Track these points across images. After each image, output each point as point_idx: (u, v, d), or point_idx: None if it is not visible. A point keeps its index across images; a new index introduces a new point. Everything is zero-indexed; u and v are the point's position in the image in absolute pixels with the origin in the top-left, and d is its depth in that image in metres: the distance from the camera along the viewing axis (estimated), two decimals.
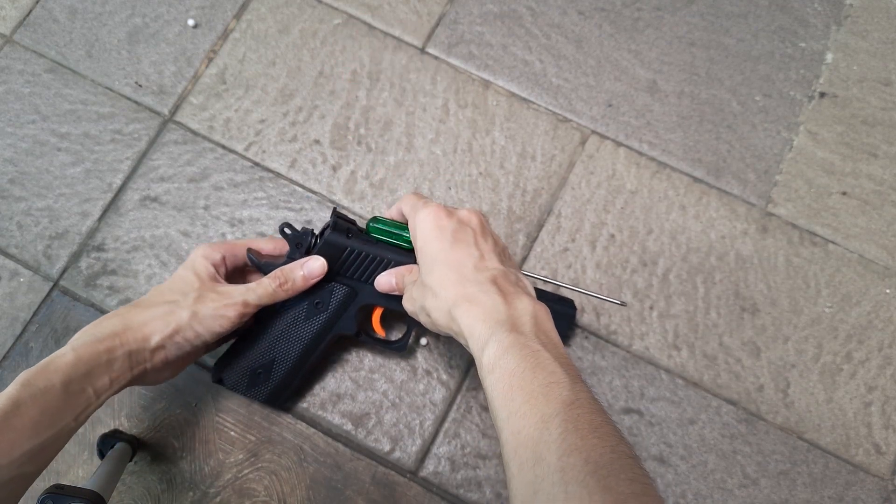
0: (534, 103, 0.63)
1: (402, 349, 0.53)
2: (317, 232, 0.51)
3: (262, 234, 0.59)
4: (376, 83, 0.63)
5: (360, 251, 0.49)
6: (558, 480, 0.30)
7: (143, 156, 0.61)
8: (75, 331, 0.56)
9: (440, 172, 0.61)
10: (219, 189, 0.61)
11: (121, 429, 0.55)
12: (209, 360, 0.56)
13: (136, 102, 0.63)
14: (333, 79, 0.63)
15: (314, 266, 0.48)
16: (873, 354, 0.57)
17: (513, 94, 0.63)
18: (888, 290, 0.58)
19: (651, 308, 0.58)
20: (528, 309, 0.39)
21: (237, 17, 0.65)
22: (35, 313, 0.58)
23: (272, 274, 0.48)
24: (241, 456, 0.55)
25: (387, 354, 0.57)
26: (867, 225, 0.60)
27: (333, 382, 0.56)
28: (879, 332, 0.57)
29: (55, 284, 0.58)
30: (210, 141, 0.62)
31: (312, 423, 0.55)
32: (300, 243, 0.49)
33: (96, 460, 0.53)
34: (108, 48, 0.64)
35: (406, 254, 0.49)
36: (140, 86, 0.63)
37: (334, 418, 0.55)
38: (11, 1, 0.66)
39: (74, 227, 0.60)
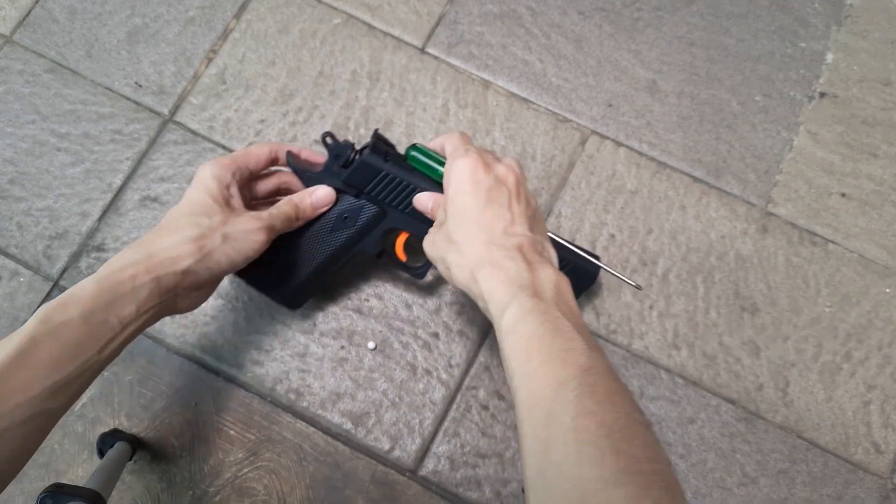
0: (534, 103, 0.63)
1: (421, 276, 0.53)
2: (357, 147, 0.50)
3: None
4: (376, 83, 0.63)
5: (394, 176, 0.48)
6: (572, 440, 0.31)
7: (143, 156, 0.61)
8: None
9: None
10: None
11: (120, 428, 0.55)
12: (210, 360, 0.56)
13: (135, 102, 0.63)
14: (333, 79, 0.64)
15: (321, 195, 0.49)
16: (873, 354, 0.57)
17: (513, 94, 0.63)
18: (888, 290, 0.58)
19: (651, 307, 0.58)
20: (552, 278, 0.39)
21: (237, 16, 0.65)
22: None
23: (286, 200, 0.48)
24: (240, 455, 0.55)
25: (386, 353, 0.57)
26: (867, 225, 0.60)
27: (333, 382, 0.56)
28: (879, 332, 0.57)
29: (55, 284, 0.58)
30: (210, 141, 0.62)
31: (312, 422, 0.55)
32: (339, 155, 0.49)
33: (96, 459, 0.53)
34: (108, 48, 0.64)
35: (440, 187, 0.48)
36: (140, 86, 0.63)
37: (334, 417, 0.55)
38: (11, 1, 0.66)
39: (74, 227, 0.60)
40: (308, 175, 0.49)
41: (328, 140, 0.49)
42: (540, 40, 0.65)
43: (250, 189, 0.51)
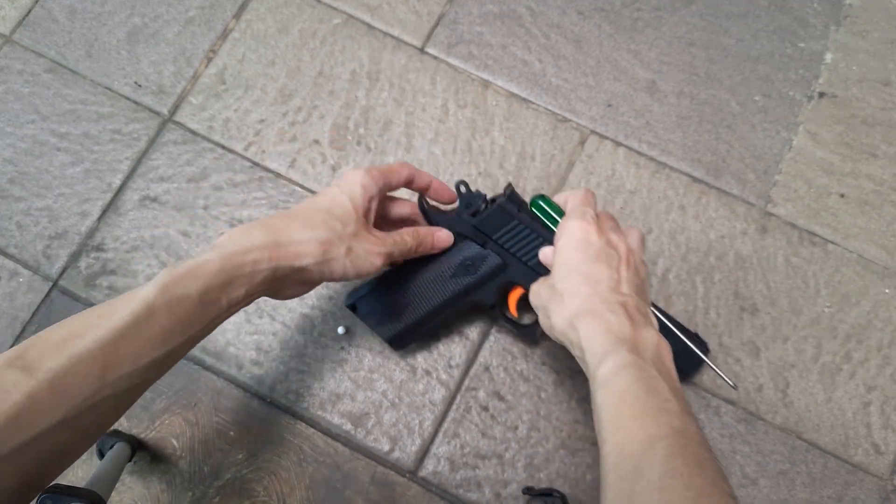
0: (533, 103, 0.63)
1: (531, 335, 0.54)
2: (489, 198, 0.51)
3: None
4: (376, 83, 0.63)
5: (524, 226, 0.49)
6: (657, 499, 0.31)
7: (143, 156, 0.61)
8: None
9: (440, 172, 0.61)
10: (218, 189, 0.61)
11: (120, 428, 0.55)
12: (210, 360, 0.56)
13: (135, 102, 0.63)
14: (333, 79, 0.63)
15: (443, 236, 0.50)
16: (872, 354, 0.57)
17: (512, 94, 0.63)
18: (887, 290, 0.58)
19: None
20: (653, 339, 0.38)
21: (237, 16, 0.65)
22: (35, 313, 0.58)
23: (410, 232, 0.48)
24: (240, 456, 0.55)
25: (386, 354, 0.57)
26: (866, 225, 0.60)
27: (333, 382, 0.56)
28: (879, 332, 0.57)
29: (55, 284, 0.58)
30: (209, 141, 0.62)
31: (312, 423, 0.55)
32: (470, 203, 0.50)
33: (95, 460, 0.53)
34: (108, 48, 0.64)
35: None
36: (139, 86, 0.63)
37: (334, 418, 0.55)
38: (11, 1, 0.66)
39: (74, 226, 0.60)
40: (437, 219, 0.50)
41: (462, 188, 0.50)
42: (539, 40, 0.65)
43: (384, 207, 0.51)
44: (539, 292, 0.45)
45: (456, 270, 0.50)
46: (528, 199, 0.51)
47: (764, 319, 0.58)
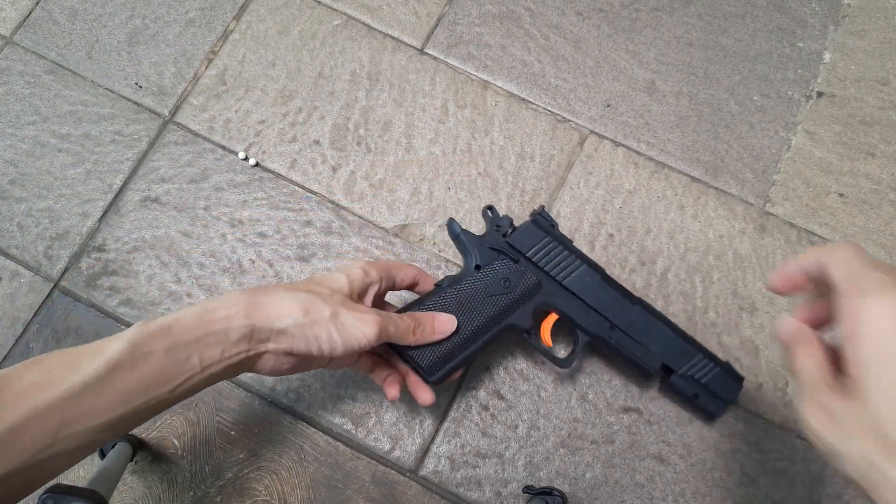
0: (532, 104, 0.63)
1: (566, 367, 0.52)
2: (516, 224, 0.51)
3: (262, 235, 0.59)
4: (375, 84, 0.64)
5: (558, 242, 0.50)
6: None
7: (144, 157, 0.62)
8: (76, 331, 0.57)
9: (439, 173, 0.61)
10: (219, 190, 0.61)
11: None
12: None
13: (136, 103, 0.63)
14: (333, 80, 0.64)
15: (444, 320, 0.47)
16: None
17: (511, 95, 0.64)
18: None
19: None
20: None
21: (237, 18, 0.66)
22: (36, 314, 0.58)
23: (409, 314, 0.46)
24: (241, 455, 0.55)
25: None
26: (865, 224, 0.60)
27: (333, 382, 0.56)
28: None
29: (56, 285, 0.58)
30: (210, 142, 0.62)
31: (312, 422, 0.56)
32: (500, 225, 0.50)
33: (97, 459, 0.53)
34: (109, 49, 0.65)
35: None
36: (140, 87, 0.64)
37: (334, 417, 0.56)
38: (11, 2, 0.66)
39: (75, 227, 0.60)
40: (468, 239, 0.50)
41: (489, 213, 0.51)
42: (539, 41, 0.65)
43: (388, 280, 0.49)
44: (844, 428, 0.29)
45: (493, 288, 0.49)
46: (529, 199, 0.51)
47: (763, 318, 0.58)
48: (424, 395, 0.48)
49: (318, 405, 0.56)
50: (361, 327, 0.41)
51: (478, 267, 0.50)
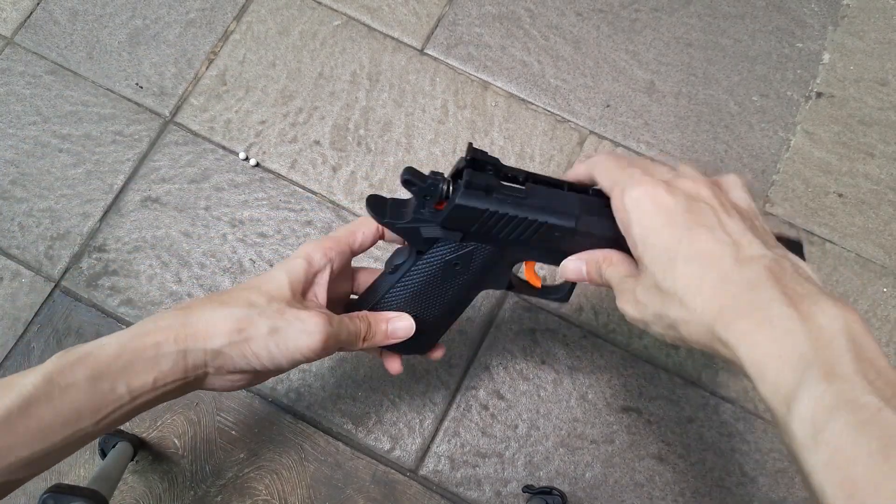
0: (532, 104, 0.63)
1: (565, 299, 0.45)
2: (448, 175, 0.40)
3: (263, 235, 0.60)
4: (376, 84, 0.64)
5: (502, 214, 0.39)
6: None
7: (144, 157, 0.62)
8: (77, 331, 0.57)
9: None
10: (219, 190, 0.61)
11: (122, 428, 0.55)
12: None
13: (136, 104, 0.63)
14: (333, 80, 0.64)
15: (400, 326, 0.42)
16: None
17: (511, 95, 0.64)
18: (885, 289, 0.59)
19: None
20: (838, 324, 0.27)
21: (237, 18, 0.66)
22: (37, 314, 0.58)
23: (361, 316, 0.41)
24: (241, 455, 0.55)
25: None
26: (864, 224, 0.61)
27: (333, 382, 0.56)
28: (877, 331, 0.58)
29: (57, 285, 0.59)
30: (211, 142, 0.62)
31: (313, 422, 0.56)
32: (429, 195, 0.39)
33: (98, 459, 0.53)
34: (109, 50, 0.65)
35: (568, 209, 0.39)
36: (141, 87, 0.64)
37: (335, 417, 0.56)
38: (12, 3, 0.66)
39: (76, 227, 0.60)
40: (398, 227, 0.40)
41: (411, 181, 0.39)
42: (538, 41, 0.65)
43: (353, 278, 0.45)
44: (640, 300, 0.35)
45: (444, 274, 0.42)
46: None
47: None
48: (394, 364, 0.46)
49: (318, 405, 0.56)
50: (305, 339, 0.36)
51: (419, 253, 0.42)
